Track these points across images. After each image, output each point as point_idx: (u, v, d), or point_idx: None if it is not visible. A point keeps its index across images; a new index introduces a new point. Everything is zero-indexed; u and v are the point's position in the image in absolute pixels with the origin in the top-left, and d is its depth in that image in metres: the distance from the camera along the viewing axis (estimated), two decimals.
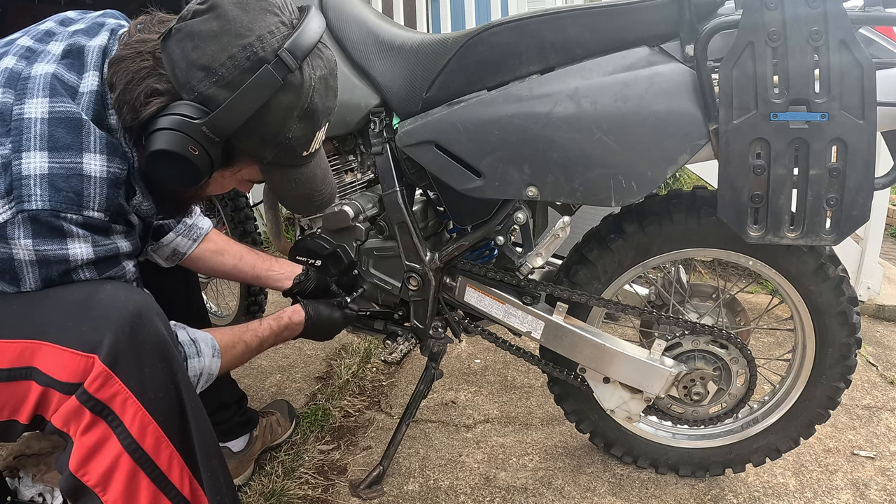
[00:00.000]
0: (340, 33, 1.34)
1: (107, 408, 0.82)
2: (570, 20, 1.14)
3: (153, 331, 0.86)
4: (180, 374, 0.90)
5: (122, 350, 0.82)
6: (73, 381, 0.81)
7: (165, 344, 0.88)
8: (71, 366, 0.81)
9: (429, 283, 1.38)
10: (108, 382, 0.82)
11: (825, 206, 1.06)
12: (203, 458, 0.92)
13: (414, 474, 1.56)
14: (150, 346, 0.86)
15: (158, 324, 0.88)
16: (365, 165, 1.45)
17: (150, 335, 0.86)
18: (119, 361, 0.82)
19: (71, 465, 0.83)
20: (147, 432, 0.85)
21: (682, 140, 1.09)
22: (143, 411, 0.84)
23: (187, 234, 1.32)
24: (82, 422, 0.82)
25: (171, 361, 0.88)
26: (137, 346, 0.84)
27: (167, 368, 0.88)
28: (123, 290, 0.88)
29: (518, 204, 1.29)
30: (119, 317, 0.83)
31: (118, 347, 0.82)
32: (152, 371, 0.86)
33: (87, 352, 0.81)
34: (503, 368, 2.09)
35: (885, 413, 1.84)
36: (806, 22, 0.98)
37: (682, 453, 1.49)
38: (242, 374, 2.04)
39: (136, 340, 0.84)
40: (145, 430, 0.85)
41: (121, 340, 0.82)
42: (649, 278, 1.47)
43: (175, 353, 0.90)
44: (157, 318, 0.88)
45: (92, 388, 0.81)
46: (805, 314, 1.31)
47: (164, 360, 0.87)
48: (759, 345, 2.26)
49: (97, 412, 0.82)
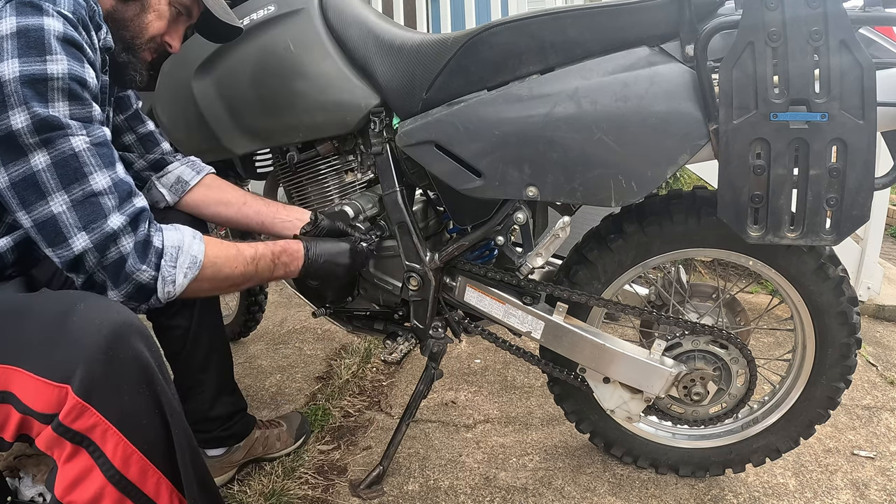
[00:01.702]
0: (340, 33, 1.34)
1: (86, 438, 0.80)
2: (570, 20, 1.14)
3: (132, 354, 0.82)
4: (164, 396, 0.86)
5: (96, 379, 0.79)
6: (49, 412, 0.78)
7: (146, 367, 0.84)
8: (44, 396, 0.78)
9: (429, 283, 1.38)
10: (85, 414, 0.79)
11: (825, 206, 1.06)
12: (187, 484, 0.89)
13: (414, 474, 1.56)
14: (128, 372, 0.82)
15: (138, 344, 0.83)
16: (365, 165, 1.45)
17: (127, 360, 0.82)
18: (94, 391, 0.79)
19: (56, 491, 0.82)
20: (131, 462, 0.83)
21: (682, 140, 1.09)
22: (124, 441, 0.81)
23: (191, 166, 1.35)
24: (64, 451, 0.80)
25: (153, 384, 0.84)
26: (114, 373, 0.80)
27: (149, 392, 0.84)
28: (98, 310, 0.83)
29: (518, 204, 1.29)
30: (93, 343, 0.79)
31: (92, 377, 0.78)
32: (133, 398, 0.82)
33: (59, 382, 0.78)
34: (503, 368, 2.09)
35: (885, 413, 1.84)
36: (806, 22, 0.98)
37: (682, 453, 1.49)
38: (242, 374, 2.04)
39: (113, 368, 0.80)
40: (129, 459, 0.82)
41: (95, 369, 0.79)
42: (649, 278, 1.47)
43: (157, 376, 0.85)
44: (137, 338, 0.83)
45: (67, 421, 0.78)
46: (805, 314, 1.31)
47: (144, 384, 0.84)
48: (759, 345, 2.26)
49: (77, 442, 0.80)
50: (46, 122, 0.86)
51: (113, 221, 0.89)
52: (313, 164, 1.46)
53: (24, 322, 0.83)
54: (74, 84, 0.88)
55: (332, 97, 1.32)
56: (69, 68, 0.88)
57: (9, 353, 0.81)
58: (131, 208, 0.92)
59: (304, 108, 1.34)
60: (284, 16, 1.34)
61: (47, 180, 0.86)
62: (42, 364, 0.79)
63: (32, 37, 0.85)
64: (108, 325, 0.81)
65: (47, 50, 0.86)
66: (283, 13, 1.34)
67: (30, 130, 0.84)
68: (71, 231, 0.88)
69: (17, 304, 0.88)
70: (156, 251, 0.94)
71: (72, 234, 0.88)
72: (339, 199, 1.45)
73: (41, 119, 0.85)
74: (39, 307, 0.84)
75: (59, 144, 0.87)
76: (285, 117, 1.36)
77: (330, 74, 1.32)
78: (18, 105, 0.84)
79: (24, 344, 0.81)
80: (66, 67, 0.87)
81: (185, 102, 1.45)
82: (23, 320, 0.83)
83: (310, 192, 1.49)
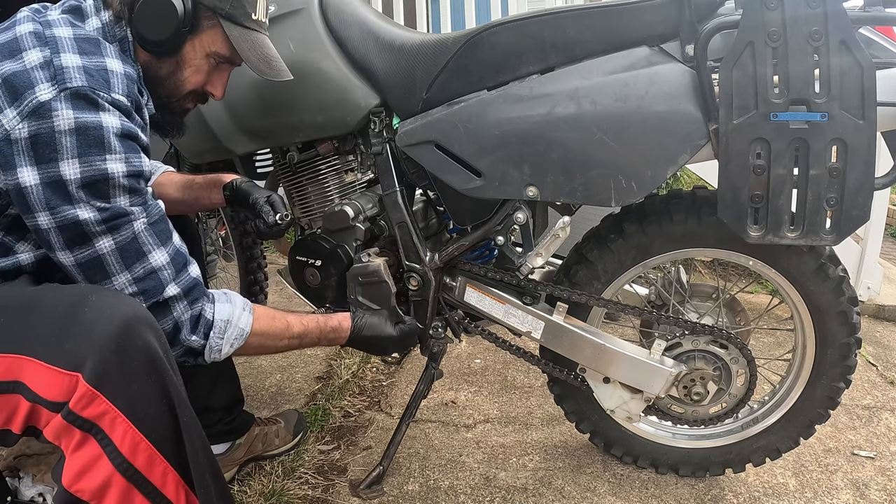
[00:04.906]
0: (340, 33, 1.34)
1: (95, 426, 0.81)
2: (570, 20, 1.14)
3: (141, 345, 0.84)
4: (172, 387, 0.88)
5: (107, 368, 0.81)
6: (59, 400, 0.80)
7: (156, 358, 0.86)
8: (55, 384, 0.80)
9: (429, 283, 1.38)
10: (95, 402, 0.81)
11: (825, 206, 1.06)
12: (197, 474, 0.90)
13: (414, 474, 1.56)
14: (138, 362, 0.84)
15: (148, 336, 0.86)
16: (365, 165, 1.45)
17: (137, 350, 0.84)
18: (105, 380, 0.81)
19: (64, 480, 0.83)
20: (139, 450, 0.84)
21: (682, 140, 1.09)
22: (133, 430, 0.83)
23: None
24: (73, 439, 0.82)
25: (162, 374, 0.86)
26: (124, 363, 0.82)
27: (158, 383, 0.86)
28: (110, 302, 0.85)
29: (518, 204, 1.28)
30: (104, 333, 0.82)
31: (103, 366, 0.81)
32: (142, 387, 0.84)
33: (70, 370, 0.80)
34: (503, 368, 2.09)
35: (885, 413, 1.84)
36: (806, 22, 0.98)
37: (682, 453, 1.49)
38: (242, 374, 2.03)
39: (123, 357, 0.82)
40: (136, 447, 0.84)
41: (106, 358, 0.81)
42: (649, 278, 1.47)
43: (166, 366, 0.88)
44: (147, 330, 0.86)
45: (77, 408, 0.80)
46: (805, 314, 1.31)
47: (154, 375, 0.86)
48: (759, 345, 2.26)
49: (86, 430, 0.81)
50: (111, 213, 0.91)
51: (169, 292, 0.96)
52: (313, 164, 1.46)
53: (36, 313, 0.85)
54: (132, 180, 0.93)
55: (332, 97, 1.32)
56: (127, 167, 0.91)
57: (21, 344, 0.83)
58: (186, 279, 0.99)
59: (304, 108, 1.34)
60: (284, 16, 1.34)
61: (112, 263, 0.92)
62: (54, 353, 0.81)
63: (91, 135, 0.88)
64: (120, 316, 0.83)
65: (107, 149, 0.89)
66: (283, 13, 1.34)
67: (96, 220, 0.89)
68: None
69: (28, 296, 0.90)
70: (206, 323, 1.00)
71: None
72: (339, 199, 1.45)
73: (106, 211, 0.90)
74: (51, 300, 0.86)
75: (123, 230, 0.92)
76: (285, 117, 1.36)
77: (330, 74, 1.32)
78: (83, 202, 0.88)
79: (36, 335, 0.83)
80: (124, 167, 0.91)
81: None
82: (35, 312, 0.85)
83: (310, 192, 1.49)
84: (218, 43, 1.07)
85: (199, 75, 1.10)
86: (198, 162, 1.57)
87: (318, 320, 1.20)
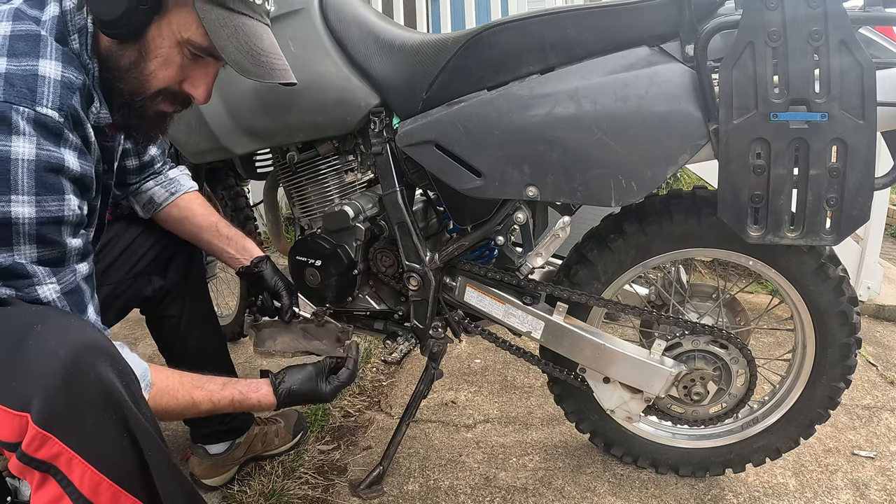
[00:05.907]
0: (340, 33, 1.34)
1: (53, 466, 0.75)
2: (570, 20, 1.14)
3: (94, 376, 0.76)
4: (132, 418, 0.79)
5: (54, 407, 0.73)
6: (12, 441, 0.74)
7: (111, 391, 0.77)
8: (6, 425, 0.73)
9: (429, 283, 1.38)
10: (47, 443, 0.73)
11: (825, 206, 1.06)
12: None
13: (414, 474, 1.56)
14: (90, 397, 0.76)
15: (101, 366, 0.77)
16: (365, 165, 1.45)
17: (89, 383, 0.76)
18: (54, 420, 0.73)
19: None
20: (100, 490, 0.77)
21: (682, 140, 1.09)
22: (91, 469, 0.76)
23: (166, 186, 1.35)
24: (34, 478, 0.76)
25: (119, 407, 0.78)
26: (74, 399, 0.75)
27: (116, 416, 0.78)
28: (56, 332, 0.76)
29: (518, 204, 1.28)
30: (49, 369, 0.73)
31: (50, 405, 0.73)
32: (97, 424, 0.77)
33: (18, 410, 0.73)
34: (503, 368, 2.09)
35: (885, 413, 1.84)
36: (806, 22, 0.97)
37: (682, 453, 1.49)
38: (242, 374, 2.03)
39: (72, 394, 0.74)
40: (97, 487, 0.77)
41: (52, 396, 0.73)
42: (649, 278, 1.47)
43: (124, 397, 0.79)
44: (100, 359, 0.77)
45: (30, 450, 0.73)
46: (805, 314, 1.31)
47: (111, 408, 0.78)
48: (759, 345, 2.26)
49: (44, 471, 0.75)
50: (9, 271, 0.77)
51: None
52: (313, 164, 1.46)
53: None
54: (46, 227, 0.78)
55: (332, 97, 1.32)
56: (38, 212, 0.76)
57: None
58: None
59: (304, 108, 1.34)
60: (284, 16, 1.34)
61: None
62: (2, 391, 0.74)
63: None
64: (66, 348, 0.75)
65: (12, 187, 0.75)
66: (283, 13, 1.34)
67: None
68: None
69: None
70: None
71: None
72: (339, 199, 1.45)
73: (3, 268, 0.77)
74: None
75: (26, 295, 0.80)
76: (285, 117, 1.36)
77: (330, 74, 1.32)
78: None
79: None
80: (32, 212, 0.76)
81: None
82: None
83: (310, 192, 1.49)
84: (192, 28, 0.87)
85: (168, 69, 0.90)
86: (198, 162, 1.57)
87: (232, 398, 1.08)
